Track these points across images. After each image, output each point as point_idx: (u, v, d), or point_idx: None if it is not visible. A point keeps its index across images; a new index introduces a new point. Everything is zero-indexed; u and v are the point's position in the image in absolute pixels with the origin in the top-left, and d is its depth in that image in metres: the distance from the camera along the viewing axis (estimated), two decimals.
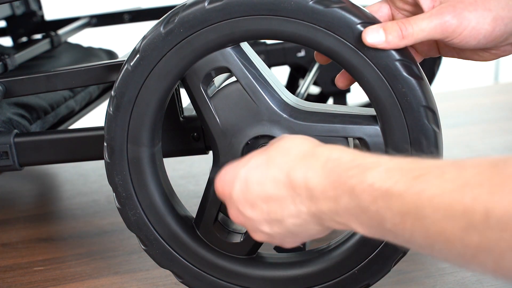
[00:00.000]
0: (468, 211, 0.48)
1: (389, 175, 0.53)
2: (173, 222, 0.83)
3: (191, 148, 0.89)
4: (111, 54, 1.41)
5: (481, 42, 0.70)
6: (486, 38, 0.69)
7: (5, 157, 0.93)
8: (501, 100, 1.77)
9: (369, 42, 0.69)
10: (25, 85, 0.92)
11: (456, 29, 0.68)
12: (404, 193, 0.52)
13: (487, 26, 0.69)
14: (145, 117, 0.79)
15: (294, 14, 0.72)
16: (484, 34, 0.69)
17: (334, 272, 0.80)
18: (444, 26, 0.68)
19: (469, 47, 0.70)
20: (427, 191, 0.50)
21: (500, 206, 0.46)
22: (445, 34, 0.69)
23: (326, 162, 0.58)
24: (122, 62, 0.84)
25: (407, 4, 0.74)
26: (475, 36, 0.69)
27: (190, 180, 1.35)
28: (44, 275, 1.02)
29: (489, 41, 0.70)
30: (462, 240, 0.49)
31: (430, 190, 0.50)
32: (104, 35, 1.64)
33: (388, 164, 0.55)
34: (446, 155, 0.78)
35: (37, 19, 1.45)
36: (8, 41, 1.47)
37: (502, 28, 0.69)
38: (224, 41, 0.75)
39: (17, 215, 1.26)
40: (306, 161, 0.59)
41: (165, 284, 0.96)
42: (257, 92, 0.76)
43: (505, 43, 0.71)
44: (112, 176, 0.82)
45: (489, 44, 0.70)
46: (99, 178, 1.40)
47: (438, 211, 0.49)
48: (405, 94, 0.72)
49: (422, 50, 0.77)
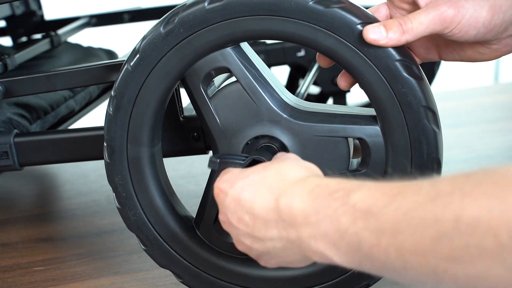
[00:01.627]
0: (439, 220, 0.48)
1: (370, 195, 0.53)
2: (173, 222, 0.83)
3: (191, 148, 0.89)
4: (111, 54, 1.41)
5: (481, 31, 0.70)
6: (486, 26, 0.70)
7: (5, 157, 0.93)
8: (501, 100, 1.77)
9: (371, 38, 0.69)
10: (25, 85, 0.92)
11: (454, 18, 0.69)
12: (382, 211, 0.52)
13: (485, 14, 0.69)
14: (145, 117, 0.79)
15: (294, 14, 0.72)
16: (483, 23, 0.69)
17: (334, 272, 0.80)
18: (442, 16, 0.69)
19: (470, 38, 0.70)
20: (402, 207, 0.50)
21: (469, 211, 0.46)
22: (444, 25, 0.69)
23: (314, 188, 0.58)
24: (122, 62, 0.84)
25: (405, 3, 0.74)
26: (474, 24, 0.69)
27: (190, 180, 1.35)
28: (44, 275, 1.02)
29: (488, 30, 0.70)
30: (433, 252, 0.48)
31: (405, 206, 0.50)
32: (104, 35, 1.64)
33: (371, 185, 0.55)
34: (446, 155, 0.78)
35: (37, 19, 1.45)
36: (8, 41, 1.47)
37: (501, 16, 0.70)
38: (224, 41, 0.75)
39: (17, 215, 1.26)
40: (295, 188, 0.60)
41: (165, 284, 0.96)
42: (257, 92, 0.76)
43: (505, 34, 0.72)
44: (112, 176, 0.82)
45: (489, 35, 0.71)
46: (99, 178, 1.40)
47: (411, 224, 0.49)
48: (405, 94, 0.72)
49: (420, 53, 0.77)
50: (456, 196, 0.48)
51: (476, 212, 0.46)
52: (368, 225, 0.52)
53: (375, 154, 0.75)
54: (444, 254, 0.48)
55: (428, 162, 0.74)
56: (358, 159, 0.79)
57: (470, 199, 0.47)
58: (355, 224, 0.53)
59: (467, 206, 0.47)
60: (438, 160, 0.74)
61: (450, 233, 0.47)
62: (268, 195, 0.61)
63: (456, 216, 0.47)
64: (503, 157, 1.35)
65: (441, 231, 0.47)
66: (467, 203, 0.47)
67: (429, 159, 0.74)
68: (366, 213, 0.53)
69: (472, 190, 0.47)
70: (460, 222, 0.46)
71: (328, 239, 0.55)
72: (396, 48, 0.71)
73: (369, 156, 0.76)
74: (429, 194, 0.50)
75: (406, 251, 0.50)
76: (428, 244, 0.48)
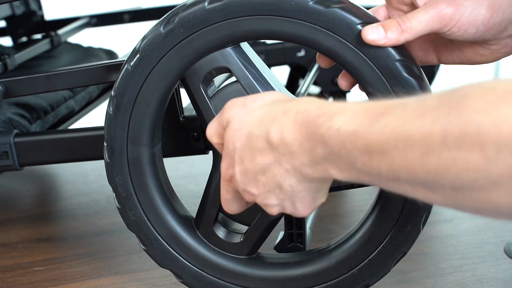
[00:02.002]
0: (426, 135, 0.49)
1: (354, 118, 0.55)
2: (173, 222, 0.83)
3: (191, 148, 0.89)
4: (111, 54, 1.41)
5: (480, 29, 0.70)
6: (485, 25, 0.70)
7: (5, 157, 0.93)
8: None
9: (370, 39, 0.70)
10: (25, 85, 0.92)
11: (453, 16, 0.69)
12: (368, 131, 0.53)
13: (484, 12, 0.69)
14: (145, 117, 0.79)
15: (294, 14, 0.72)
16: (482, 20, 0.69)
17: (334, 272, 0.80)
18: (441, 14, 0.69)
19: (469, 37, 0.70)
20: (389, 124, 0.52)
21: (456, 125, 0.47)
22: (443, 23, 0.69)
23: (296, 116, 0.59)
24: (122, 62, 0.83)
25: (403, 4, 0.74)
26: (473, 22, 0.69)
27: (190, 180, 1.35)
28: (44, 275, 1.02)
29: (488, 29, 0.70)
30: (422, 166, 0.50)
31: (392, 123, 0.52)
32: (104, 35, 1.64)
33: (353, 108, 0.56)
34: None
35: (37, 19, 1.45)
36: (8, 41, 1.47)
37: (500, 14, 0.70)
38: (224, 41, 0.75)
39: (17, 215, 1.26)
40: (278, 120, 0.61)
41: (165, 284, 0.96)
42: (257, 92, 0.76)
43: (504, 34, 0.72)
44: (112, 176, 0.82)
45: (488, 34, 0.71)
46: (99, 178, 1.40)
47: (400, 141, 0.51)
48: (405, 95, 0.72)
49: (418, 56, 0.77)
50: (443, 110, 0.48)
51: (464, 126, 0.47)
52: (356, 146, 0.54)
53: None
54: (433, 168, 0.49)
55: None
56: None
57: (457, 114, 0.47)
58: (345, 147, 0.55)
59: (454, 120, 0.47)
60: None
61: (438, 148, 0.48)
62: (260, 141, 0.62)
63: (443, 131, 0.48)
64: None
65: (429, 146, 0.49)
66: (454, 118, 0.47)
67: None
68: (352, 135, 0.54)
69: (459, 104, 0.48)
70: (448, 137, 0.48)
71: (326, 160, 0.57)
72: (396, 48, 0.71)
73: None
74: (416, 110, 0.51)
75: (396, 166, 0.52)
76: (417, 159, 0.50)
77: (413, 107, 0.51)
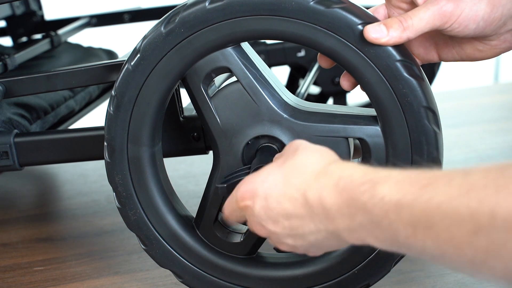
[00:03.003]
0: (474, 214, 0.48)
1: (398, 187, 0.53)
2: (173, 222, 0.83)
3: (191, 148, 0.89)
4: (111, 54, 1.41)
5: (481, 25, 0.70)
6: (485, 20, 0.70)
7: (5, 157, 0.93)
8: (501, 100, 1.77)
9: (372, 37, 0.70)
10: (25, 85, 0.92)
11: (453, 12, 0.69)
12: (413, 203, 0.51)
13: (484, 7, 0.69)
14: (146, 117, 0.79)
15: (295, 14, 0.72)
16: (483, 16, 0.69)
17: (334, 272, 0.80)
18: (441, 10, 0.69)
19: (470, 33, 0.71)
20: (435, 199, 0.50)
21: (505, 206, 0.46)
22: (444, 20, 0.69)
23: (339, 181, 0.58)
24: (122, 62, 0.84)
25: (403, 2, 0.74)
26: (474, 18, 0.69)
27: (190, 180, 1.35)
28: (44, 275, 1.02)
29: (488, 24, 0.70)
30: (471, 244, 0.48)
31: (437, 198, 0.50)
32: (104, 35, 1.64)
33: (398, 176, 0.54)
34: (446, 155, 0.78)
35: (37, 19, 1.45)
36: (8, 41, 1.47)
37: (500, 9, 0.70)
38: (224, 41, 0.75)
39: (17, 215, 1.26)
40: (319, 181, 0.59)
41: (165, 284, 0.96)
42: (258, 92, 0.76)
43: (504, 29, 0.72)
44: (112, 175, 0.82)
45: (488, 29, 0.71)
46: (99, 178, 1.40)
47: (446, 217, 0.49)
48: (405, 95, 0.72)
49: (419, 54, 0.77)
50: (490, 190, 0.47)
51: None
52: (400, 218, 0.52)
53: (376, 154, 0.75)
54: (482, 248, 0.48)
55: (428, 162, 0.74)
56: (358, 159, 0.79)
57: (505, 194, 0.47)
58: (387, 217, 0.53)
59: (502, 201, 0.46)
60: (438, 160, 0.74)
61: (487, 228, 0.47)
62: (294, 191, 0.61)
63: (491, 211, 0.47)
64: (503, 157, 1.35)
65: (478, 226, 0.47)
66: (502, 198, 0.47)
67: (430, 159, 0.74)
68: (396, 206, 0.52)
69: (506, 184, 0.47)
70: (496, 217, 0.46)
71: (365, 229, 0.56)
72: (396, 48, 0.71)
73: (369, 156, 0.76)
74: (461, 186, 0.49)
75: (442, 242, 0.50)
76: (465, 237, 0.48)
77: (459, 182, 0.50)
